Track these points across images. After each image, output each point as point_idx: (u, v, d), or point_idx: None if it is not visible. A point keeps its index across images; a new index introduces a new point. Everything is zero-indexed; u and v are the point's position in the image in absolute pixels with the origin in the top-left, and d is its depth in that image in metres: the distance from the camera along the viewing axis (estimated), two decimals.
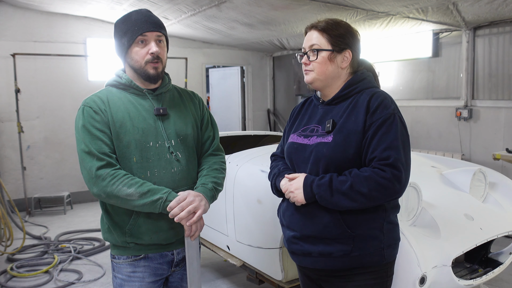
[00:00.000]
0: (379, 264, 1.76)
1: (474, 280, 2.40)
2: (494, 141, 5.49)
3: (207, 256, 4.46)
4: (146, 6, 5.52)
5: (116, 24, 1.86)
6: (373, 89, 1.80)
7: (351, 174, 1.66)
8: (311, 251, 1.78)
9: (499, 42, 5.42)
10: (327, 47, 1.78)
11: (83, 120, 1.78)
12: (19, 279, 4.06)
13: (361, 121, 1.70)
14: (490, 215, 2.65)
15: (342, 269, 1.76)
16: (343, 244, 1.72)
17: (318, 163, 1.74)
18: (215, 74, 9.89)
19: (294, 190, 1.75)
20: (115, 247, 1.90)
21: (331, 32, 1.78)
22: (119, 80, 1.87)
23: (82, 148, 1.75)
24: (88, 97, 1.85)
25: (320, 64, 1.79)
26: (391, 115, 1.69)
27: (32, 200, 6.44)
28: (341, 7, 5.01)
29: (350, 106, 1.77)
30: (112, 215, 1.86)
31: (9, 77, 6.38)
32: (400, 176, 1.62)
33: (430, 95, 6.26)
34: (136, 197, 1.70)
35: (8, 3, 6.30)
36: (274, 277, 2.76)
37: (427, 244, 2.16)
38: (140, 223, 1.82)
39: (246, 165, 3.03)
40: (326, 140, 1.74)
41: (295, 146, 1.85)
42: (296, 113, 2.01)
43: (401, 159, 1.64)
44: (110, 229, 1.87)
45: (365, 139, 1.68)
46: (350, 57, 1.81)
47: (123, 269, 1.88)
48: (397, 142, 1.65)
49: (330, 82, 1.82)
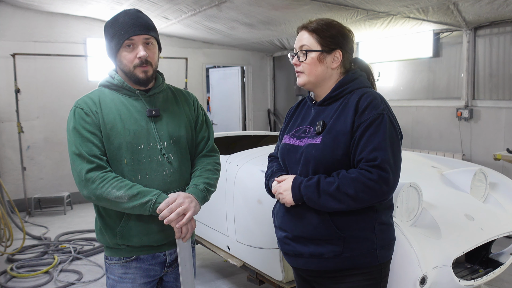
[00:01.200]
0: (372, 265, 1.75)
1: (475, 280, 2.40)
2: (494, 141, 5.49)
3: (207, 256, 4.46)
4: (146, 6, 5.52)
5: (105, 26, 1.83)
6: (364, 89, 1.78)
7: (338, 175, 1.65)
8: (303, 252, 1.77)
9: (499, 42, 5.41)
10: (316, 48, 1.77)
11: (74, 122, 1.80)
12: (19, 280, 4.06)
13: (349, 122, 1.69)
14: (490, 215, 2.65)
15: (334, 270, 1.75)
16: (334, 245, 1.71)
17: (308, 165, 1.73)
18: (215, 74, 9.88)
19: (283, 192, 1.75)
20: (107, 249, 1.91)
21: (321, 32, 1.77)
22: (112, 80, 1.85)
23: (73, 150, 1.77)
24: (80, 98, 1.85)
25: (309, 65, 1.78)
26: (380, 116, 1.67)
27: (32, 200, 6.44)
28: (341, 7, 5.00)
29: (340, 107, 1.76)
30: (104, 217, 1.87)
31: (9, 77, 6.37)
32: (388, 177, 1.60)
33: (431, 95, 6.26)
34: (126, 200, 1.70)
35: (8, 3, 6.29)
36: (274, 277, 2.76)
37: (428, 244, 2.15)
38: (131, 225, 1.82)
39: (247, 165, 3.03)
40: (315, 141, 1.73)
41: (287, 148, 1.85)
42: (291, 114, 2.00)
43: (389, 160, 1.62)
44: (102, 230, 1.89)
45: (353, 140, 1.67)
46: (341, 57, 1.79)
47: (115, 270, 1.89)
48: (385, 143, 1.63)
49: (321, 83, 1.81)
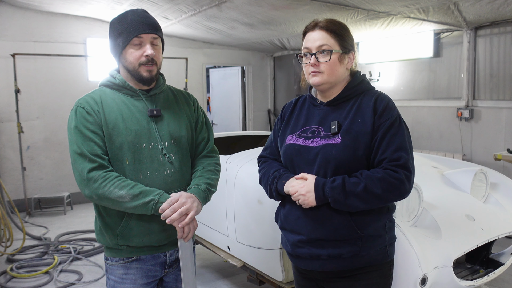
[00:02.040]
0: (383, 262, 1.80)
1: (475, 280, 2.40)
2: (495, 141, 5.48)
3: (207, 256, 4.45)
4: (146, 6, 5.51)
5: (111, 24, 1.83)
6: (374, 91, 1.82)
7: (362, 175, 1.66)
8: (320, 254, 1.76)
9: (500, 42, 5.41)
10: (336, 48, 1.76)
11: (75, 121, 1.77)
12: (19, 280, 4.05)
13: (369, 123, 1.71)
14: (491, 215, 2.65)
15: (350, 269, 1.76)
16: (352, 245, 1.72)
17: (327, 165, 1.72)
18: (216, 74, 9.87)
19: (305, 193, 1.71)
20: (107, 249, 1.89)
21: (339, 33, 1.77)
22: (113, 80, 1.85)
23: (74, 149, 1.74)
24: (81, 98, 1.83)
25: (331, 66, 1.75)
26: (397, 117, 1.73)
27: (32, 200, 6.43)
28: (342, 7, 5.00)
29: (354, 107, 1.76)
30: (104, 216, 1.85)
31: (9, 77, 6.36)
32: (410, 176, 1.68)
33: (431, 95, 6.25)
34: (128, 199, 1.69)
35: (8, 3, 6.29)
36: (274, 277, 2.76)
37: (428, 244, 2.15)
38: (131, 225, 1.81)
39: (247, 166, 3.02)
40: (333, 141, 1.72)
41: (296, 148, 1.81)
42: (289, 113, 1.97)
43: (410, 160, 1.69)
44: (102, 230, 1.87)
45: (374, 140, 1.70)
46: (353, 58, 1.83)
47: (116, 270, 1.87)
48: (406, 144, 1.70)
49: (336, 84, 1.81)
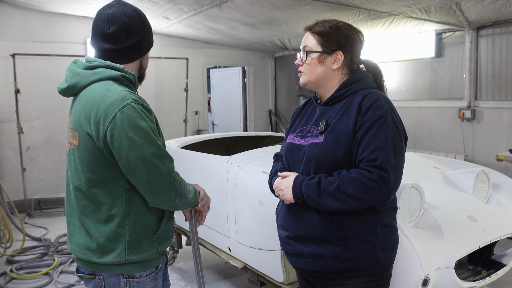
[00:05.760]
0: (372, 267, 1.74)
1: (477, 282, 2.38)
2: (497, 142, 5.46)
3: (208, 258, 4.44)
4: (147, 6, 5.51)
5: (143, 16, 1.73)
6: (368, 89, 1.78)
7: (339, 175, 1.65)
8: (303, 252, 1.78)
9: (502, 42, 5.39)
10: (317, 49, 1.79)
11: (143, 121, 1.54)
12: (19, 281, 4.04)
13: (352, 122, 1.69)
14: (493, 216, 2.63)
15: (334, 271, 1.75)
16: (334, 245, 1.71)
17: (310, 164, 1.74)
18: (216, 74, 9.87)
19: (283, 188, 1.77)
20: (134, 265, 1.63)
21: (323, 34, 1.79)
22: (130, 78, 1.70)
23: (153, 152, 1.53)
24: (126, 93, 1.58)
25: (309, 66, 1.81)
26: (383, 116, 1.66)
27: (32, 201, 6.42)
28: (343, 7, 4.98)
29: (344, 107, 1.76)
30: (140, 225, 1.63)
31: (9, 78, 6.35)
32: (388, 178, 1.59)
33: (433, 95, 6.23)
34: (192, 194, 1.73)
35: (8, 3, 6.29)
36: (275, 279, 2.74)
37: (430, 245, 2.14)
38: (168, 226, 1.74)
39: (248, 166, 3.01)
40: (317, 140, 1.74)
41: (291, 147, 1.87)
42: (297, 114, 2.02)
43: (390, 161, 1.61)
44: (136, 244, 1.61)
45: (355, 140, 1.67)
46: (342, 58, 1.80)
47: (146, 286, 1.66)
48: (386, 144, 1.63)
49: (322, 83, 1.83)
